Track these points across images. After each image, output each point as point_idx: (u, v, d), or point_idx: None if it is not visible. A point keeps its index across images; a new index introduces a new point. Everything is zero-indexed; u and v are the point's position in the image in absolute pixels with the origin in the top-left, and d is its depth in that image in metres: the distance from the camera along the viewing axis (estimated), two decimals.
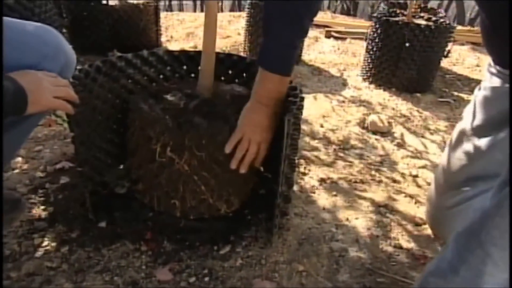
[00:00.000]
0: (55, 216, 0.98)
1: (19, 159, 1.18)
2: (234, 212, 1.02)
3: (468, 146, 0.91)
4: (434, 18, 2.20)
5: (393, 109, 1.89)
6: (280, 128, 0.85)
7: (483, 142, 0.88)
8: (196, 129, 0.87)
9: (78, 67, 0.87)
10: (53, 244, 0.89)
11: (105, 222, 0.97)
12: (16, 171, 1.13)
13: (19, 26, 0.71)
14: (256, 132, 0.86)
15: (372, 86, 2.16)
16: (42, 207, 1.00)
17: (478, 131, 0.90)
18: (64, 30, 2.07)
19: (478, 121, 0.90)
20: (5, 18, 0.71)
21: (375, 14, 2.17)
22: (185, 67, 1.16)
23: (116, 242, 0.91)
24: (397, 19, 2.09)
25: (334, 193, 1.19)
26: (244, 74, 1.14)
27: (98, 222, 0.96)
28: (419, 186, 1.28)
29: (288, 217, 1.04)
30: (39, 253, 0.87)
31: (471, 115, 0.93)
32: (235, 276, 0.86)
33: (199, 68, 0.99)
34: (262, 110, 0.86)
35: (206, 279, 0.85)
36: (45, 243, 0.89)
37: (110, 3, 2.13)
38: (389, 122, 1.69)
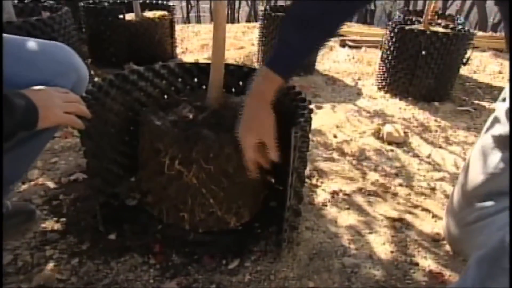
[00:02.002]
0: (67, 227, 0.99)
1: (36, 170, 1.21)
2: (243, 225, 1.01)
3: (490, 159, 0.87)
4: (452, 25, 2.15)
5: (410, 119, 1.84)
6: (288, 141, 0.83)
7: (506, 156, 0.84)
8: (204, 141, 0.86)
9: (95, 80, 0.89)
10: (64, 256, 0.90)
11: (114, 234, 0.97)
12: (32, 182, 1.16)
13: (33, 45, 0.74)
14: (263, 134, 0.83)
15: (388, 95, 2.11)
16: (55, 218, 1.02)
17: (501, 145, 0.86)
18: (82, 45, 2.13)
19: (501, 134, 0.86)
20: (20, 38, 0.73)
21: (390, 22, 2.14)
22: (196, 79, 1.17)
23: (125, 254, 0.92)
24: (413, 26, 2.05)
25: (347, 206, 1.16)
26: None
27: (108, 234, 0.97)
28: (436, 199, 1.23)
29: (298, 231, 1.02)
30: (50, 265, 0.88)
31: (494, 127, 0.89)
32: None
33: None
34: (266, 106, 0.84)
35: None
36: (56, 255, 0.90)
37: (127, 17, 2.19)
38: (405, 133, 1.64)
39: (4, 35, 0.73)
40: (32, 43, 0.73)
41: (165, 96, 1.14)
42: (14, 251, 0.90)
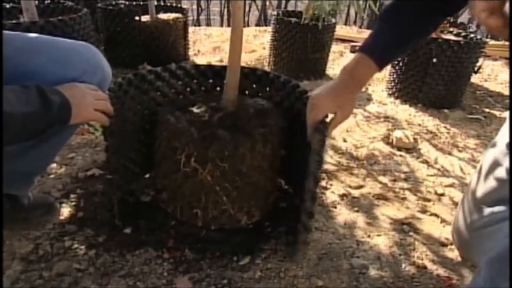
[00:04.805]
0: (84, 220, 1.03)
1: (54, 165, 1.25)
2: (254, 224, 1.04)
3: (500, 167, 0.89)
4: (464, 33, 2.16)
5: (419, 125, 1.85)
6: (301, 145, 0.86)
7: None
8: (219, 141, 0.89)
9: (116, 80, 0.93)
10: (82, 247, 0.94)
11: (130, 228, 1.00)
12: (51, 176, 1.20)
13: (65, 45, 0.78)
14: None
15: (398, 101, 2.13)
16: (73, 211, 1.06)
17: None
18: (99, 45, 2.19)
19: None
20: (51, 38, 0.78)
21: None
22: (211, 80, 1.20)
23: (140, 248, 0.95)
24: None
25: (356, 208, 1.18)
26: (268, 89, 1.17)
27: (124, 228, 1.00)
28: (445, 205, 1.24)
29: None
30: (69, 255, 0.91)
31: (504, 135, 0.90)
32: (253, 287, 0.86)
33: (224, 82, 1.03)
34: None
35: None
36: (75, 245, 0.94)
37: (143, 19, 2.24)
38: (414, 139, 1.65)
39: (38, 35, 0.77)
40: (62, 43, 0.77)
41: (181, 97, 1.17)
42: (35, 241, 0.94)
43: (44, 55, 0.72)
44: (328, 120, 0.86)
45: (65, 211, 1.06)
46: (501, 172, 0.87)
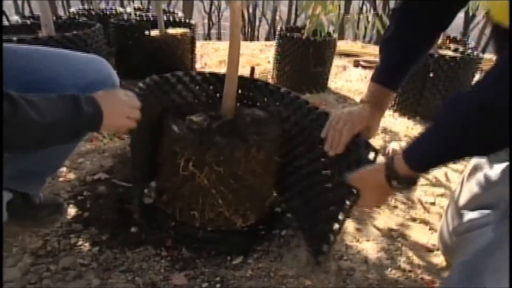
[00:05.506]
0: (90, 220, 1.10)
1: (64, 169, 1.34)
2: (249, 226, 1.09)
3: (481, 174, 0.94)
4: (462, 49, 2.22)
5: None
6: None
7: (495, 172, 0.90)
8: (216, 146, 0.96)
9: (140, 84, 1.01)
10: (86, 244, 1.01)
11: (134, 228, 1.07)
12: (61, 179, 1.28)
13: (80, 57, 0.87)
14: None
15: (397, 114, 2.18)
16: (79, 211, 1.13)
17: (491, 160, 0.92)
18: (110, 58, 2.31)
19: None
20: (70, 52, 0.87)
21: None
22: (211, 87, 1.27)
23: (140, 246, 1.01)
24: None
25: None
26: (265, 99, 1.24)
27: (129, 227, 1.07)
28: (434, 213, 1.28)
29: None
30: (74, 251, 0.98)
31: None
32: (244, 285, 0.92)
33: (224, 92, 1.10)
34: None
35: (218, 286, 0.91)
36: (80, 242, 1.01)
37: (152, 33, 2.36)
38: None
39: (56, 49, 0.86)
40: (77, 55, 0.87)
41: (184, 104, 1.24)
42: (44, 237, 1.01)
43: (61, 65, 0.81)
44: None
45: (72, 211, 1.13)
46: (481, 178, 0.92)
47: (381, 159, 0.80)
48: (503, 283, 0.53)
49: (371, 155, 0.84)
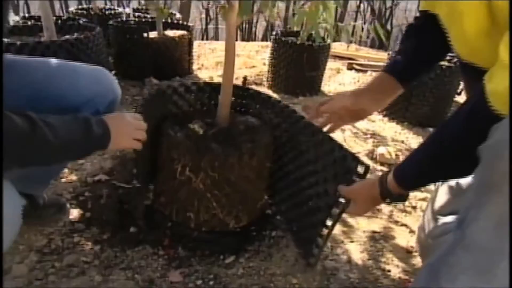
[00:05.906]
0: (91, 220, 1.17)
1: (66, 170, 1.40)
2: (241, 227, 1.17)
3: (453, 181, 1.02)
4: (448, 58, 2.30)
5: (403, 142, 1.98)
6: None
7: (466, 180, 0.98)
8: (211, 152, 1.03)
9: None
10: (88, 243, 1.08)
11: (133, 228, 1.14)
12: (63, 180, 1.35)
13: (79, 69, 0.93)
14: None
15: (386, 119, 2.26)
16: (81, 212, 1.20)
17: None
18: (109, 59, 2.36)
19: None
20: (73, 64, 0.93)
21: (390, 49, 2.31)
22: (207, 95, 1.34)
23: (139, 245, 1.08)
24: None
25: None
26: (257, 106, 1.31)
27: (128, 227, 1.14)
28: (415, 217, 1.36)
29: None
30: (77, 249, 1.05)
31: None
32: (236, 282, 0.99)
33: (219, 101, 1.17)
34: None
35: (211, 283, 0.99)
36: (82, 241, 1.08)
37: (151, 36, 2.42)
38: (396, 155, 1.78)
39: (60, 62, 0.92)
40: (80, 69, 0.92)
41: (181, 111, 1.31)
42: (48, 236, 1.08)
43: (66, 80, 0.87)
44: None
45: (75, 211, 1.20)
46: (453, 184, 1.00)
47: (370, 167, 0.87)
48: (457, 284, 0.61)
49: (360, 168, 0.91)
